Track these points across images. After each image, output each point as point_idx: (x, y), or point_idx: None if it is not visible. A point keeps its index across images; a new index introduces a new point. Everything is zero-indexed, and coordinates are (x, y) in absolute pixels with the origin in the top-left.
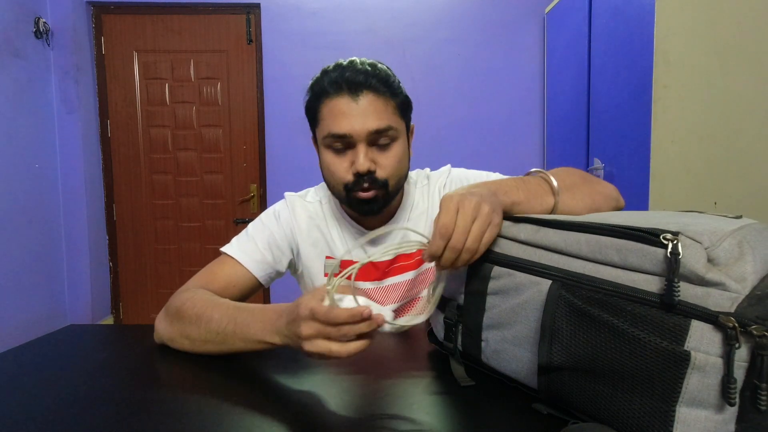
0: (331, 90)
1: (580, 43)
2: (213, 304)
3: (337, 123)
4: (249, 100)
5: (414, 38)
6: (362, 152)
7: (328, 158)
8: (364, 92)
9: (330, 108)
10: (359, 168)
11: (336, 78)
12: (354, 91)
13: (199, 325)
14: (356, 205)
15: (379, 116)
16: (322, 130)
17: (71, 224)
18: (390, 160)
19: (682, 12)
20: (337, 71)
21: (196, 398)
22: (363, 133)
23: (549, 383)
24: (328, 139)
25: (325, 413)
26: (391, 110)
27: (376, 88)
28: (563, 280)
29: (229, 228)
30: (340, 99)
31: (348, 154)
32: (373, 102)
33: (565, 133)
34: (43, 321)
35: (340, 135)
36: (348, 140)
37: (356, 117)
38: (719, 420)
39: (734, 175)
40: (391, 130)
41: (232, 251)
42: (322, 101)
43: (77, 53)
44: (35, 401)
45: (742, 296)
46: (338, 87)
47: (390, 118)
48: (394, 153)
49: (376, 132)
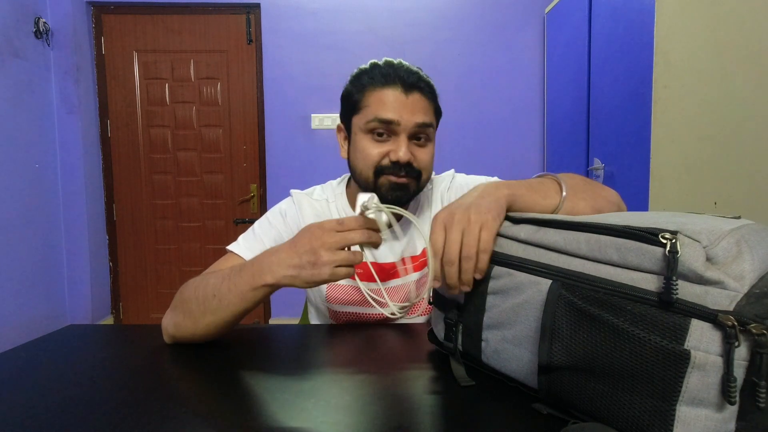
0: (382, 81)
1: (580, 43)
2: (209, 274)
3: (386, 109)
4: (249, 100)
5: (414, 38)
6: (404, 143)
7: (366, 143)
8: (415, 91)
9: (379, 96)
10: (401, 157)
11: (389, 72)
12: (407, 87)
13: (197, 297)
14: (387, 189)
15: (426, 113)
16: (365, 115)
17: (71, 224)
18: (426, 156)
19: (682, 12)
20: (390, 67)
21: (197, 398)
22: (410, 124)
23: (549, 383)
24: (373, 123)
25: (325, 413)
26: (432, 113)
27: (424, 91)
28: (563, 279)
29: (229, 228)
30: (391, 90)
31: (387, 144)
32: (421, 101)
33: (565, 133)
34: (43, 321)
35: (387, 120)
36: (393, 127)
37: (405, 108)
38: (719, 419)
39: (734, 175)
40: (431, 128)
41: (239, 250)
42: (368, 90)
43: (77, 53)
44: (35, 401)
45: (741, 295)
46: (391, 80)
47: (432, 117)
48: (429, 150)
49: (421, 126)
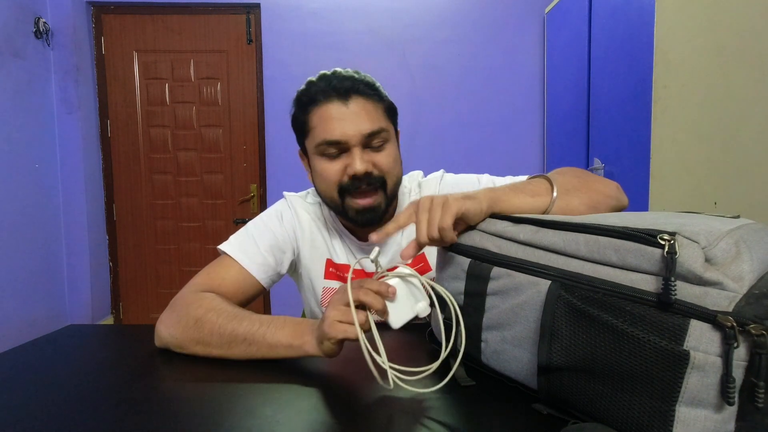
0: (320, 98)
1: (580, 43)
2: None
3: (329, 129)
4: (249, 100)
5: (414, 38)
6: (358, 155)
7: (321, 165)
8: (353, 96)
9: (320, 115)
10: (357, 169)
11: (323, 87)
12: (343, 96)
13: (221, 334)
14: (355, 215)
15: (371, 119)
16: (313, 139)
17: (71, 224)
18: (386, 158)
19: (682, 12)
20: (323, 81)
21: (197, 398)
22: (357, 137)
23: (549, 383)
24: (322, 147)
25: (325, 413)
26: (381, 113)
27: (364, 92)
28: (562, 280)
29: (229, 228)
30: (330, 105)
31: (342, 159)
32: (364, 105)
33: (565, 133)
34: (43, 321)
35: (333, 141)
36: (342, 146)
37: (348, 121)
38: (719, 419)
39: (734, 175)
40: (384, 132)
41: (234, 253)
42: (310, 110)
43: (77, 53)
44: (35, 401)
45: (740, 295)
46: (327, 94)
47: (381, 120)
48: (388, 152)
49: (370, 134)
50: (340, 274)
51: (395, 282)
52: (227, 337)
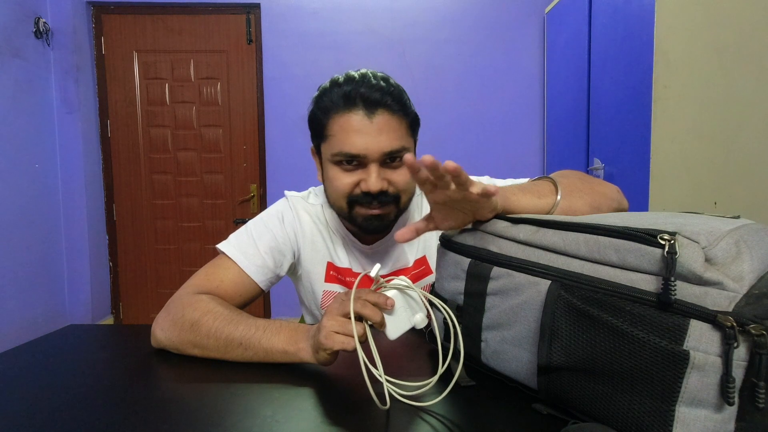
0: (343, 104)
1: (580, 43)
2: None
3: (350, 141)
4: (249, 100)
5: (414, 38)
6: (374, 172)
7: (335, 173)
8: (380, 111)
9: (341, 124)
10: (372, 188)
11: (349, 92)
12: (369, 109)
13: (217, 337)
14: (363, 222)
15: (394, 137)
16: (331, 146)
17: (71, 224)
18: (403, 177)
19: (682, 12)
20: (350, 85)
21: (196, 398)
22: (377, 154)
23: (549, 383)
24: (339, 157)
25: (325, 413)
26: (404, 130)
27: (391, 107)
28: (562, 280)
29: (230, 228)
30: (353, 115)
31: (357, 173)
32: (389, 122)
33: (565, 133)
34: (43, 321)
35: (353, 155)
36: (360, 159)
37: (371, 136)
38: (719, 419)
39: (734, 175)
40: (404, 150)
41: (233, 254)
42: (331, 115)
43: (77, 53)
44: (35, 401)
45: (740, 295)
46: (352, 102)
47: (403, 138)
48: (406, 170)
49: (390, 153)
50: (341, 278)
51: (393, 294)
52: (223, 341)
